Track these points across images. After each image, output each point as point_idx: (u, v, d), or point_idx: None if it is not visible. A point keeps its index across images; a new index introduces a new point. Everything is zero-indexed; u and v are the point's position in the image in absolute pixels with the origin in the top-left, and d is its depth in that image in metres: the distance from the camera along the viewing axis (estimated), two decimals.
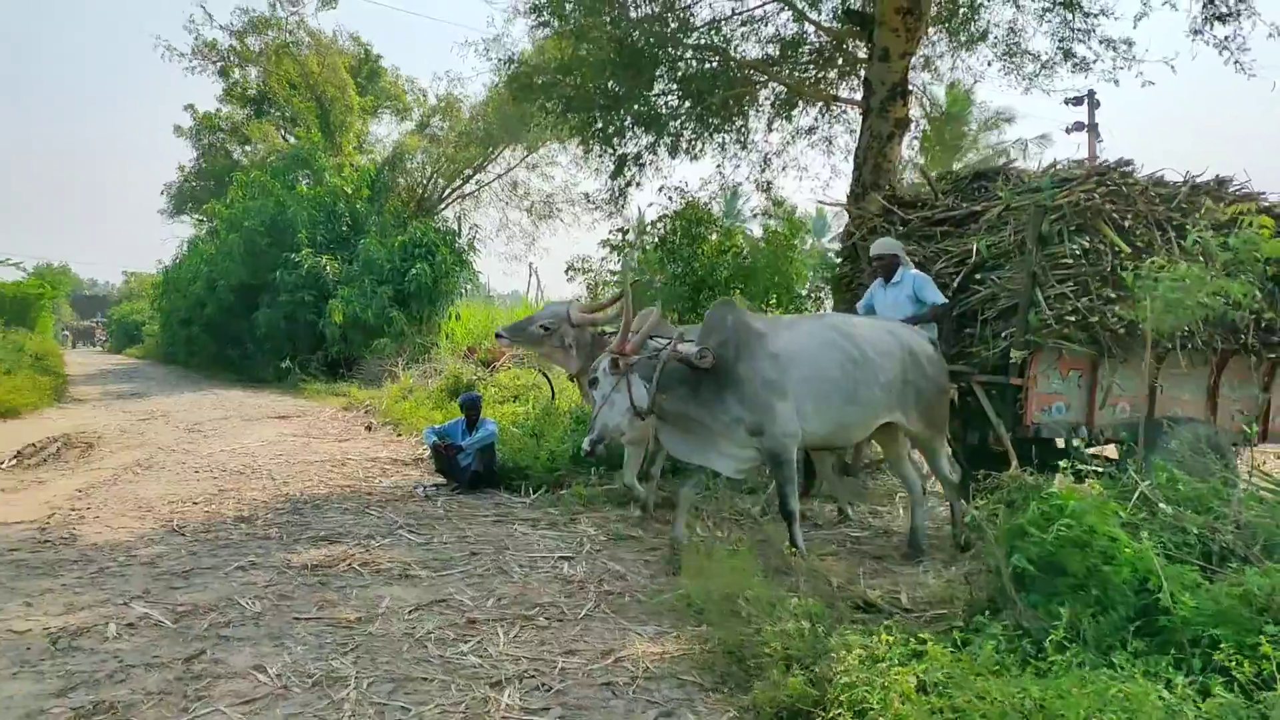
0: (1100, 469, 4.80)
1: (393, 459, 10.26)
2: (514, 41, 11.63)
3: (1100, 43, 10.33)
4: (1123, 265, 6.00)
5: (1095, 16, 10.10)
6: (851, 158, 10.62)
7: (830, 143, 13.09)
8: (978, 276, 6.84)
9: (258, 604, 4.95)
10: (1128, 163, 6.53)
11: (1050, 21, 10.45)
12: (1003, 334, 6.46)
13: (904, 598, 4.87)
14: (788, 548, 5.46)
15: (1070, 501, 3.77)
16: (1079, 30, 10.26)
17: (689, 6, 11.02)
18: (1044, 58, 10.93)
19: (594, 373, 5.68)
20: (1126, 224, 6.29)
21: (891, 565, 6.00)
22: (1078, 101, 25.65)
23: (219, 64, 29.86)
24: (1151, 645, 3.39)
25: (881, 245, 7.12)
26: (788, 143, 13.00)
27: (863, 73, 10.65)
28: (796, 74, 12.07)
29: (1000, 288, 6.56)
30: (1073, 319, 6.02)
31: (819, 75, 11.87)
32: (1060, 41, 10.48)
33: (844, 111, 12.41)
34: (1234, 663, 3.07)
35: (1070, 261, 6.16)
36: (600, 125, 11.32)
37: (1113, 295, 6.10)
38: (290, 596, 5.12)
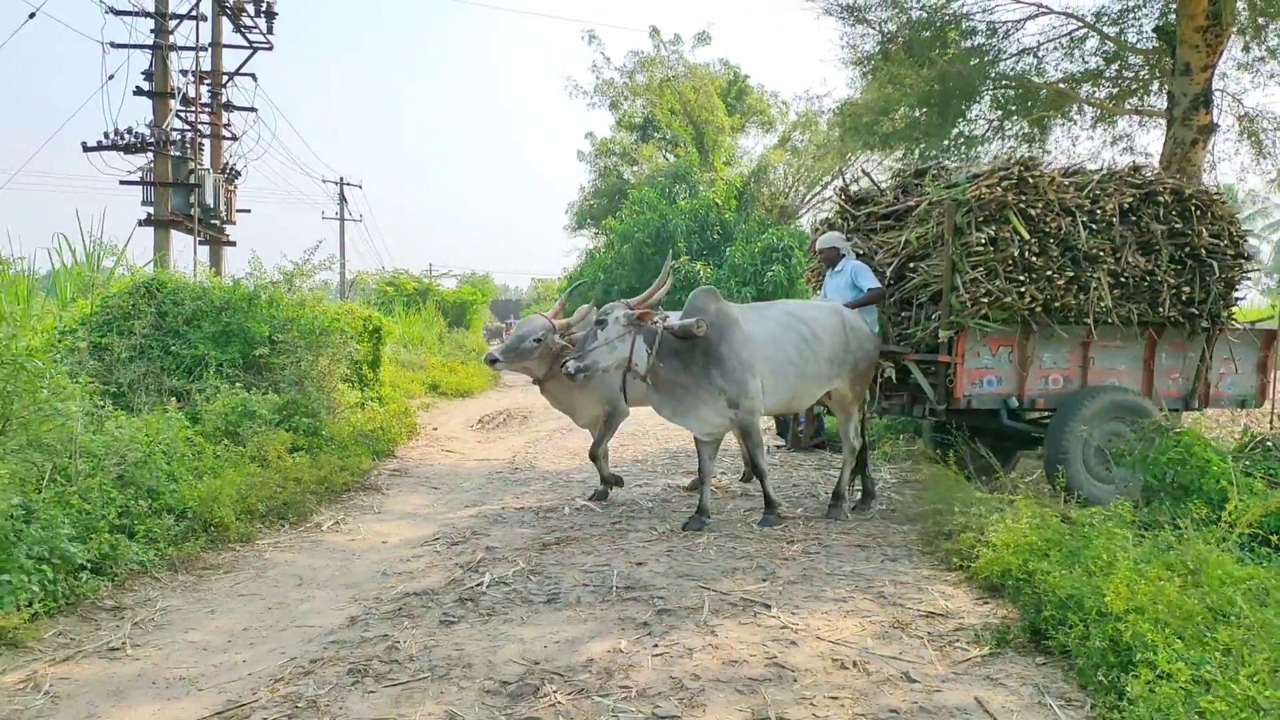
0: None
1: None
2: (840, 91, 13.35)
3: None
4: (1031, 250, 6.76)
5: None
6: (1157, 163, 11.54)
7: (1132, 151, 13.66)
8: (911, 265, 7.46)
9: (650, 504, 7.71)
10: (1032, 158, 7.02)
11: None
12: (933, 316, 7.19)
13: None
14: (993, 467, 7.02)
15: (1187, 436, 5.42)
16: None
17: (1002, 39, 12.40)
18: None
19: (604, 315, 6.50)
20: (1034, 213, 6.79)
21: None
22: None
23: (612, 98, 34.68)
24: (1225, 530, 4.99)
25: (825, 239, 7.99)
26: (1095, 154, 13.79)
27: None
28: (1116, 87, 12.96)
29: (929, 275, 7.20)
30: (986, 301, 6.73)
31: (1135, 89, 12.69)
32: None
33: (1150, 122, 13.09)
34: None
35: (981, 250, 6.74)
36: (917, 155, 12.99)
37: (1023, 279, 6.77)
38: (669, 502, 7.81)
